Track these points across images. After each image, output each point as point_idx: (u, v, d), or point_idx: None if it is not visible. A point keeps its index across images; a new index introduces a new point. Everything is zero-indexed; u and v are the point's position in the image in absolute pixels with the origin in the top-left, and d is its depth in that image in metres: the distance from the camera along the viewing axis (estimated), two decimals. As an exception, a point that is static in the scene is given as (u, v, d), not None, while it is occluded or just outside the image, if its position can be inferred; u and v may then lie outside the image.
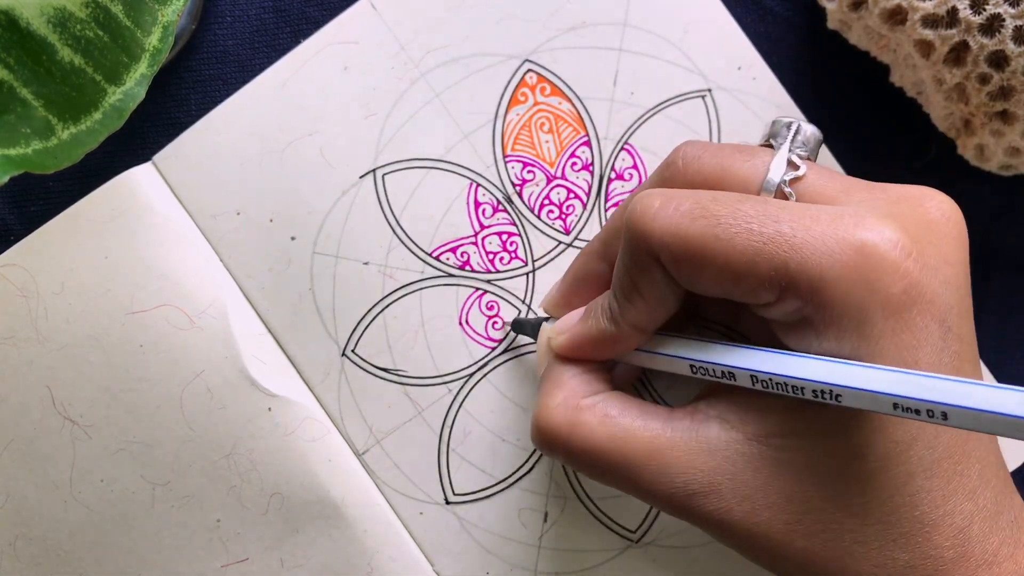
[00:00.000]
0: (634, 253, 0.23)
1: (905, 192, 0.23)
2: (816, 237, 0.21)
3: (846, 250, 0.21)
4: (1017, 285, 0.32)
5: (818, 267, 0.21)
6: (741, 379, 0.23)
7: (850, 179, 0.24)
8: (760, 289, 0.21)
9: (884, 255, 0.21)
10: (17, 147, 0.26)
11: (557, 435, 0.24)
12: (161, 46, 0.26)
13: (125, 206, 0.30)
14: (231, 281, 0.30)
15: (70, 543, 0.30)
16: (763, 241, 0.21)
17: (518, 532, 0.30)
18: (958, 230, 0.23)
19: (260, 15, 0.31)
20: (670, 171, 0.25)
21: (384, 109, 0.30)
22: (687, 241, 0.22)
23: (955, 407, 0.19)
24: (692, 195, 0.22)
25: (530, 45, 0.31)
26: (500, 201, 0.31)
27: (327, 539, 0.30)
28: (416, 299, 0.31)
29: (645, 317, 0.24)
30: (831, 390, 0.21)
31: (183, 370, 0.29)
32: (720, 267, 0.21)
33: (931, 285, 0.21)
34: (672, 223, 0.22)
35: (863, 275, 0.21)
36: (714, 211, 0.22)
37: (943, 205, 0.23)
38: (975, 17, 0.26)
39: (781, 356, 0.22)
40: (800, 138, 0.25)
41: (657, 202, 0.22)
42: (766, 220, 0.21)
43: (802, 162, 0.24)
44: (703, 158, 0.24)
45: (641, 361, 0.25)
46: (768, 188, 0.23)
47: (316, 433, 0.30)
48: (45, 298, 0.29)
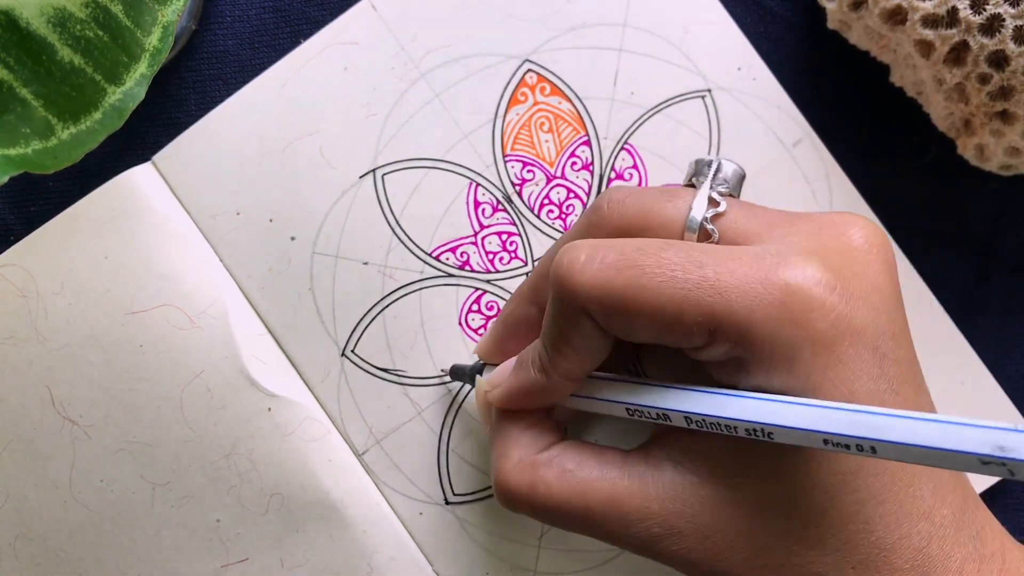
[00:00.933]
0: (562, 306, 0.23)
1: (827, 221, 0.24)
2: (740, 280, 0.21)
3: (770, 291, 0.21)
4: (1017, 285, 0.32)
5: (744, 310, 0.21)
6: (676, 420, 0.23)
7: (772, 212, 0.24)
8: (690, 335, 0.22)
9: (808, 293, 0.21)
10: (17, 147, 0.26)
11: (518, 495, 0.24)
12: (161, 46, 0.26)
13: (125, 206, 0.30)
14: (231, 281, 0.30)
15: (70, 543, 0.30)
16: (688, 287, 0.21)
17: (518, 532, 0.30)
18: (883, 255, 0.23)
19: (260, 15, 0.31)
20: (596, 215, 0.25)
21: (384, 109, 0.31)
22: (614, 294, 0.22)
23: (881, 441, 0.19)
24: (617, 246, 0.23)
25: (530, 45, 0.31)
26: (500, 201, 0.31)
27: (327, 539, 0.30)
28: (416, 299, 0.31)
29: (576, 366, 0.24)
30: (763, 428, 0.21)
31: (183, 370, 0.29)
32: (649, 317, 0.22)
33: (859, 315, 0.21)
34: (598, 276, 0.22)
35: (789, 314, 0.21)
36: (639, 261, 0.22)
37: (865, 231, 0.23)
38: (975, 17, 0.26)
39: (713, 396, 0.22)
40: (721, 175, 0.25)
41: (583, 256, 0.22)
42: (690, 266, 0.21)
43: (723, 199, 0.24)
44: (626, 202, 0.25)
45: (576, 405, 0.25)
46: (691, 227, 0.24)
47: (316, 433, 0.30)
48: (45, 298, 0.29)
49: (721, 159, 0.25)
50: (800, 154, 0.31)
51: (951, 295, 0.31)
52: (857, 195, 0.31)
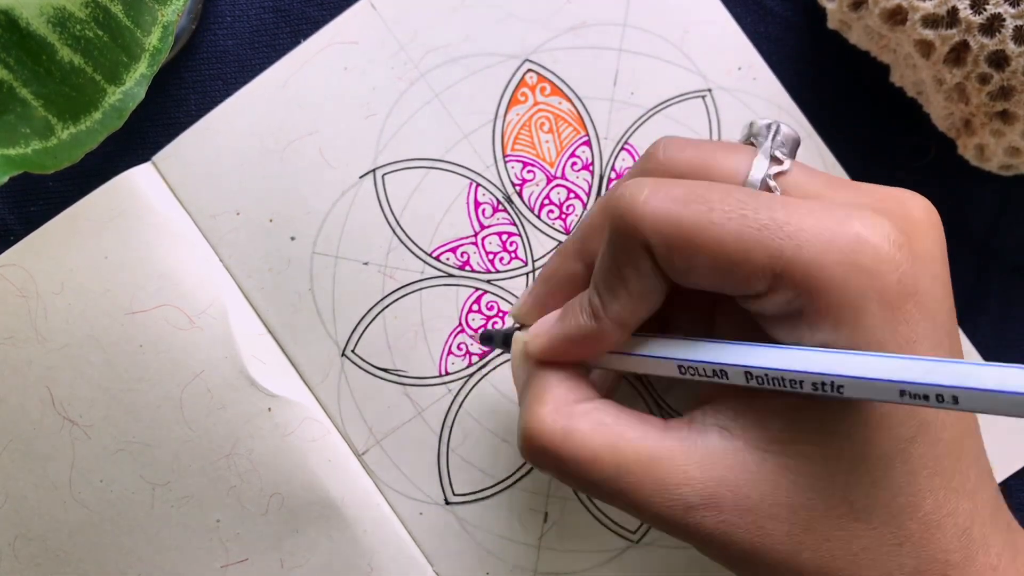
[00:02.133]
0: (621, 241, 0.22)
1: (887, 192, 0.23)
2: (811, 226, 0.20)
3: (841, 240, 0.20)
4: (1017, 285, 0.32)
5: (814, 255, 0.20)
6: (734, 377, 0.21)
7: (833, 177, 0.24)
8: (753, 278, 0.21)
9: (878, 246, 0.20)
10: (17, 147, 0.26)
11: (549, 443, 0.23)
12: (161, 46, 0.26)
13: (124, 206, 0.30)
14: (231, 281, 0.30)
15: (70, 543, 0.30)
16: (758, 227, 0.20)
17: (518, 532, 0.30)
18: (938, 230, 0.23)
19: (260, 15, 0.31)
20: (651, 163, 0.24)
21: (384, 109, 0.30)
22: (680, 227, 0.21)
23: (965, 389, 0.18)
24: (683, 183, 0.22)
25: (530, 45, 0.31)
26: (500, 201, 0.31)
27: (327, 539, 0.30)
28: (416, 299, 0.31)
29: (629, 312, 0.22)
30: (832, 381, 0.20)
31: (183, 370, 0.29)
32: (715, 254, 0.21)
33: (923, 279, 0.21)
34: (664, 208, 0.21)
35: (859, 265, 0.20)
36: (708, 197, 0.21)
37: (925, 206, 0.23)
38: (975, 17, 0.26)
39: (775, 350, 0.21)
40: (780, 138, 0.24)
41: (647, 189, 0.21)
42: (760, 208, 0.21)
43: (786, 159, 0.24)
44: (686, 150, 0.24)
45: (623, 365, 0.24)
46: (752, 183, 0.23)
47: (316, 433, 0.30)
48: (45, 298, 0.29)
49: (780, 123, 0.24)
50: (800, 154, 0.31)
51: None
52: (857, 195, 0.31)
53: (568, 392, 0.24)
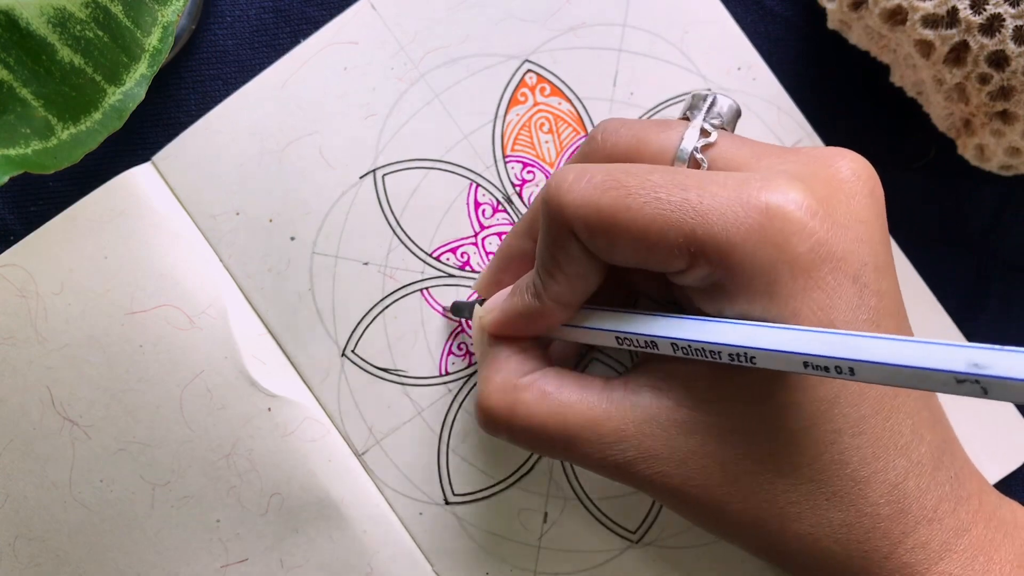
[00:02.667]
0: (551, 227, 0.23)
1: (816, 154, 0.24)
2: (722, 203, 0.21)
3: (751, 213, 0.21)
4: (1017, 285, 0.32)
5: (724, 232, 0.21)
6: (663, 347, 0.23)
7: (762, 144, 0.25)
8: (671, 257, 0.22)
9: (788, 215, 0.21)
10: (17, 147, 0.26)
11: (498, 416, 0.25)
12: (161, 46, 0.26)
13: (124, 206, 0.30)
14: (231, 281, 0.30)
15: (70, 543, 0.30)
16: (671, 209, 0.21)
17: (518, 532, 0.30)
18: (870, 187, 0.23)
19: (260, 15, 0.31)
20: (590, 146, 0.26)
21: (384, 109, 0.30)
22: (599, 212, 0.22)
23: (860, 362, 0.19)
24: (604, 168, 0.23)
25: (530, 45, 0.31)
26: (500, 201, 0.31)
27: (327, 539, 0.30)
28: (416, 299, 0.31)
29: (567, 292, 0.24)
30: (745, 352, 0.21)
31: (183, 370, 0.29)
32: (632, 236, 0.22)
33: (840, 243, 0.22)
34: (584, 195, 0.22)
35: (769, 237, 0.21)
36: (624, 182, 0.22)
37: (854, 164, 0.23)
38: (975, 17, 0.26)
39: (698, 323, 0.22)
40: (716, 109, 0.25)
41: (571, 176, 0.23)
42: (673, 188, 0.22)
43: (715, 130, 0.24)
44: (620, 132, 0.25)
45: (568, 336, 0.26)
46: (681, 157, 0.24)
47: (316, 433, 0.30)
48: (44, 298, 0.29)
49: (716, 93, 0.26)
50: (800, 154, 0.31)
51: (951, 295, 0.31)
52: (857, 195, 0.31)
53: (516, 365, 0.25)
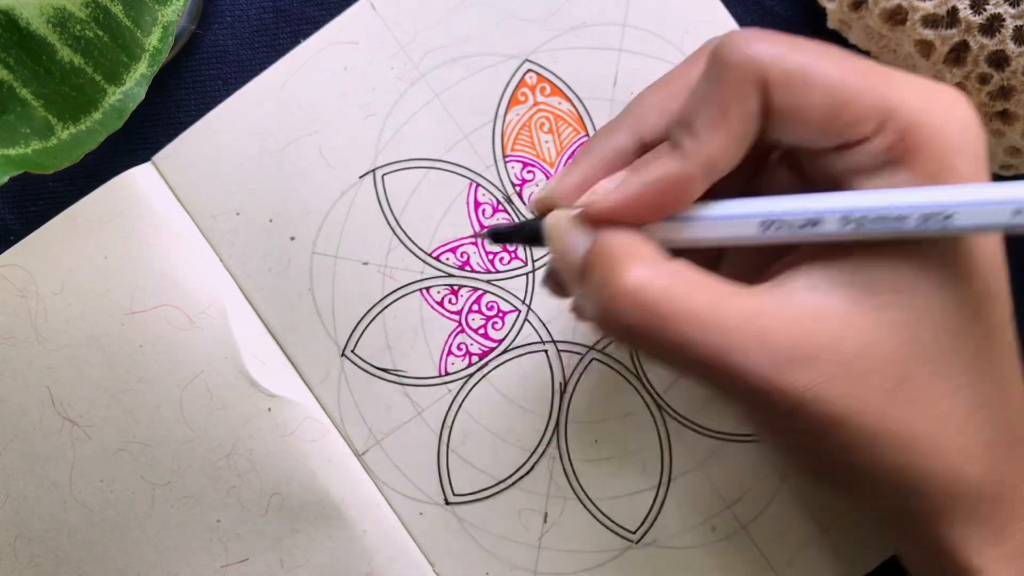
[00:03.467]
0: (733, 75, 0.21)
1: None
2: (915, 82, 0.21)
3: (943, 96, 0.21)
4: (1017, 285, 0.32)
5: (921, 103, 0.21)
6: (828, 223, 0.20)
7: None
8: (863, 118, 0.21)
9: (972, 114, 0.21)
10: (17, 147, 0.26)
11: (651, 298, 0.20)
12: (161, 46, 0.26)
13: (124, 206, 0.30)
14: (231, 281, 0.30)
15: (70, 543, 0.30)
16: (868, 71, 0.21)
17: (518, 532, 0.30)
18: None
19: (260, 15, 0.31)
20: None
21: (384, 109, 0.30)
22: (798, 63, 0.21)
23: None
24: (788, 36, 0.22)
25: (530, 45, 0.31)
26: (500, 201, 0.31)
27: (327, 539, 0.30)
28: (416, 299, 0.31)
29: (724, 154, 0.21)
30: (942, 211, 0.19)
31: (183, 370, 0.29)
32: (830, 90, 0.21)
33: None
34: (780, 48, 0.21)
35: (960, 119, 0.21)
36: (816, 47, 0.21)
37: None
38: (975, 17, 0.26)
39: (875, 192, 0.20)
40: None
41: (757, 33, 0.21)
42: (864, 61, 0.21)
43: None
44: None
45: (699, 231, 0.21)
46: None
47: (316, 433, 0.30)
48: (45, 298, 0.29)
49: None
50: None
51: (951, 295, 0.31)
52: (857, 195, 0.31)
53: (653, 250, 0.21)
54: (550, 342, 0.31)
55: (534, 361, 0.31)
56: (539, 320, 0.31)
